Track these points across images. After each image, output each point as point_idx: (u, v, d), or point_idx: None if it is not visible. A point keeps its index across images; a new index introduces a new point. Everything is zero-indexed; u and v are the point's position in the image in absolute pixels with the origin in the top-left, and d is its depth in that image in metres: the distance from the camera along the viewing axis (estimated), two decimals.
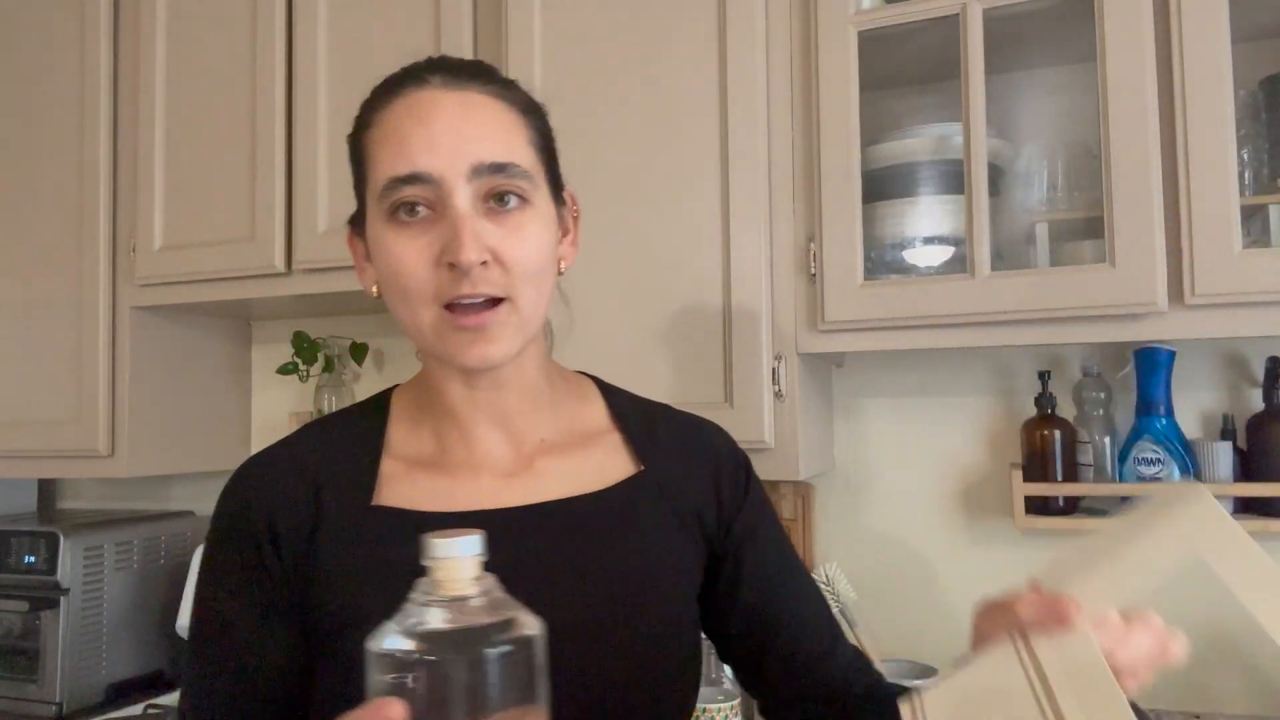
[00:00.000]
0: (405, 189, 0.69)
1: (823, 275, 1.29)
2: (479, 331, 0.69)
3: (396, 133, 0.70)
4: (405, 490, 0.76)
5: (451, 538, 0.53)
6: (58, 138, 1.79)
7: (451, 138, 0.69)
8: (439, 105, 0.70)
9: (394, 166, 0.69)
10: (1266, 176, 1.25)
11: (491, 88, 0.73)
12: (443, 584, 0.53)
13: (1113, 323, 1.18)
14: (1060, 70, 1.47)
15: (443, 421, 0.78)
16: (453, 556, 0.53)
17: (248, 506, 0.76)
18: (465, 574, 0.53)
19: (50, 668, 1.74)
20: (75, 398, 1.75)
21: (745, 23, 1.32)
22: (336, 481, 0.76)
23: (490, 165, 0.69)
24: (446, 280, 0.68)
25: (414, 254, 0.69)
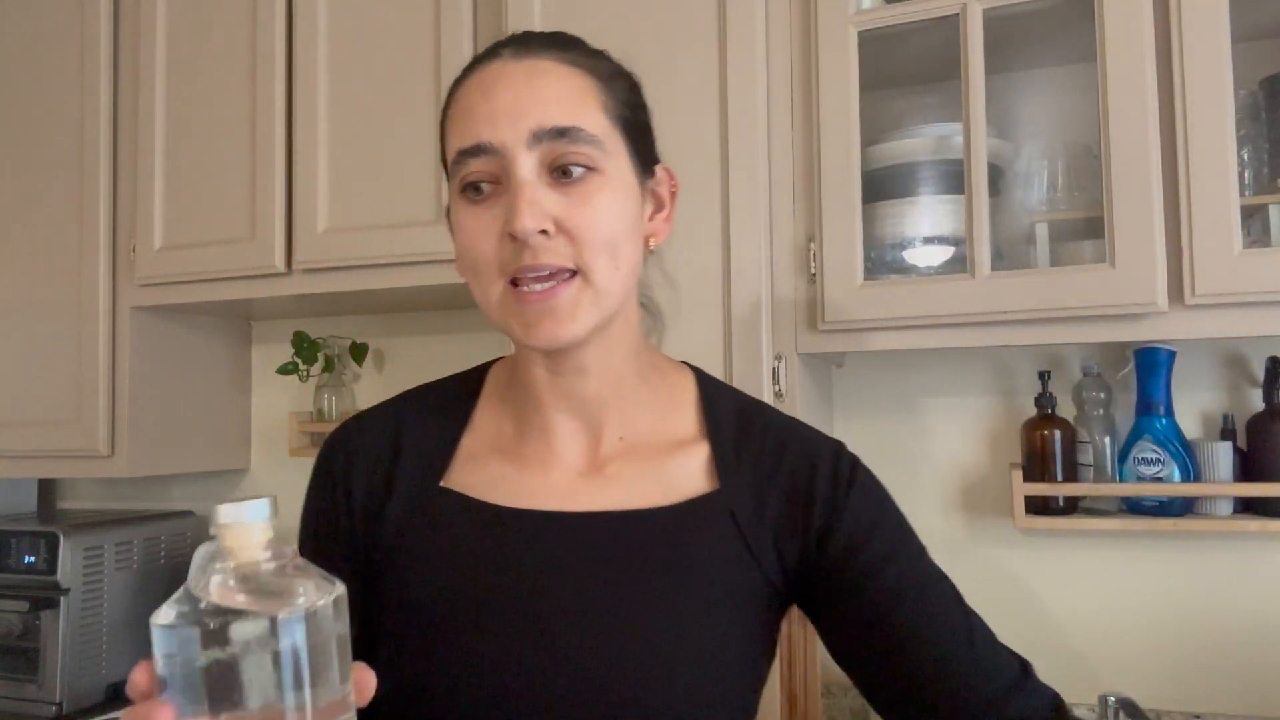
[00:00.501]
0: (471, 162, 0.67)
1: (823, 275, 1.29)
2: (545, 307, 0.66)
3: (464, 108, 0.69)
4: (476, 474, 0.76)
5: (240, 502, 0.50)
6: (58, 138, 1.79)
7: (513, 105, 0.67)
8: (505, 75, 0.69)
9: (460, 140, 0.68)
10: (1266, 176, 1.25)
11: (566, 54, 0.71)
12: (231, 552, 0.49)
13: (1113, 323, 1.18)
14: (1060, 70, 1.47)
15: (525, 405, 0.76)
16: (239, 521, 0.49)
17: (334, 456, 0.79)
18: (254, 539, 0.49)
19: (50, 668, 1.74)
20: (75, 398, 1.75)
21: (745, 23, 1.32)
22: (416, 452, 0.77)
23: (552, 130, 0.66)
24: (510, 252, 0.66)
25: (481, 228, 0.67)
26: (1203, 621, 1.42)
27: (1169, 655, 1.43)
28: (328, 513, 0.77)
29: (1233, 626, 1.40)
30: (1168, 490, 1.32)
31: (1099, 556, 1.47)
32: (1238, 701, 1.39)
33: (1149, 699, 1.42)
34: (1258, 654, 1.39)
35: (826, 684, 1.59)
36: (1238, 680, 1.40)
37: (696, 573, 0.72)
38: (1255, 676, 1.39)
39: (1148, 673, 1.43)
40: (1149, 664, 1.44)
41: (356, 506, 0.76)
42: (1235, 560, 1.40)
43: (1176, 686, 1.42)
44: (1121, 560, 1.46)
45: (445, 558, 0.73)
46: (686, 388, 0.80)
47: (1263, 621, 1.39)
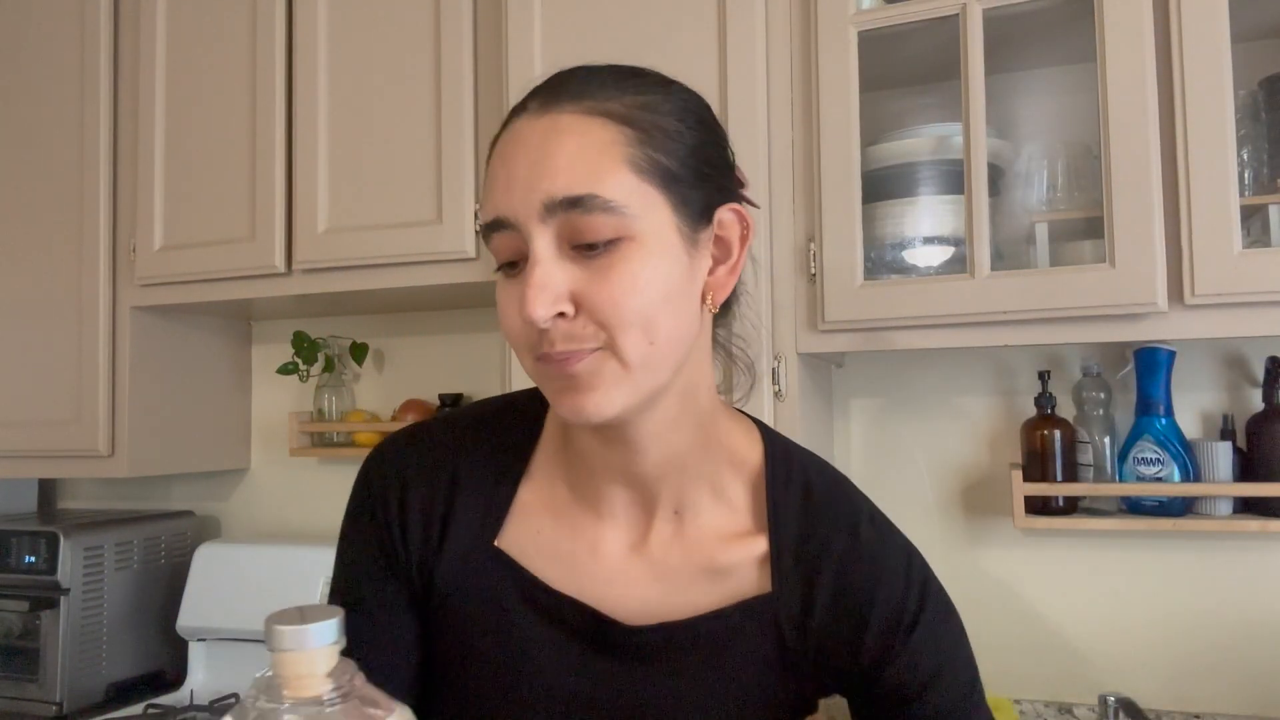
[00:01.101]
0: (495, 237, 0.62)
1: (823, 275, 1.29)
2: (570, 381, 0.61)
3: (491, 175, 0.63)
4: (530, 536, 0.72)
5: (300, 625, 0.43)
6: (58, 138, 1.79)
7: (527, 174, 0.60)
8: (523, 137, 0.62)
9: (484, 213, 0.63)
10: (1266, 176, 1.25)
11: (586, 103, 0.62)
12: (288, 681, 0.43)
13: (1113, 323, 1.18)
14: (1060, 70, 1.47)
15: (578, 468, 0.72)
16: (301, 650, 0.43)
17: (386, 484, 0.74)
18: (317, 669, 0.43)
19: (50, 668, 1.74)
20: (75, 398, 1.75)
21: (745, 23, 1.32)
22: (473, 496, 0.73)
23: (563, 201, 0.59)
24: (535, 333, 0.61)
25: (509, 303, 0.62)
26: (1202, 621, 1.42)
27: (1169, 655, 1.43)
28: (383, 546, 0.73)
29: (1233, 626, 1.40)
30: (1167, 490, 1.32)
31: (1099, 556, 1.47)
32: (1238, 701, 1.39)
33: (1149, 699, 1.42)
34: (1258, 654, 1.39)
35: None
36: (1238, 680, 1.40)
37: (732, 680, 0.69)
38: (1255, 676, 1.39)
39: (1148, 673, 1.44)
40: (1149, 664, 1.44)
41: (413, 546, 0.73)
42: (1235, 560, 1.40)
43: (1176, 686, 1.42)
44: (1121, 560, 1.46)
45: (493, 625, 0.72)
46: (752, 460, 0.73)
47: (1263, 621, 1.39)
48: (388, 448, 0.76)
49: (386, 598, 0.73)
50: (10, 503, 2.10)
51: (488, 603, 0.72)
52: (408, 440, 0.76)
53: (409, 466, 0.74)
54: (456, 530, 0.72)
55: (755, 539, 0.70)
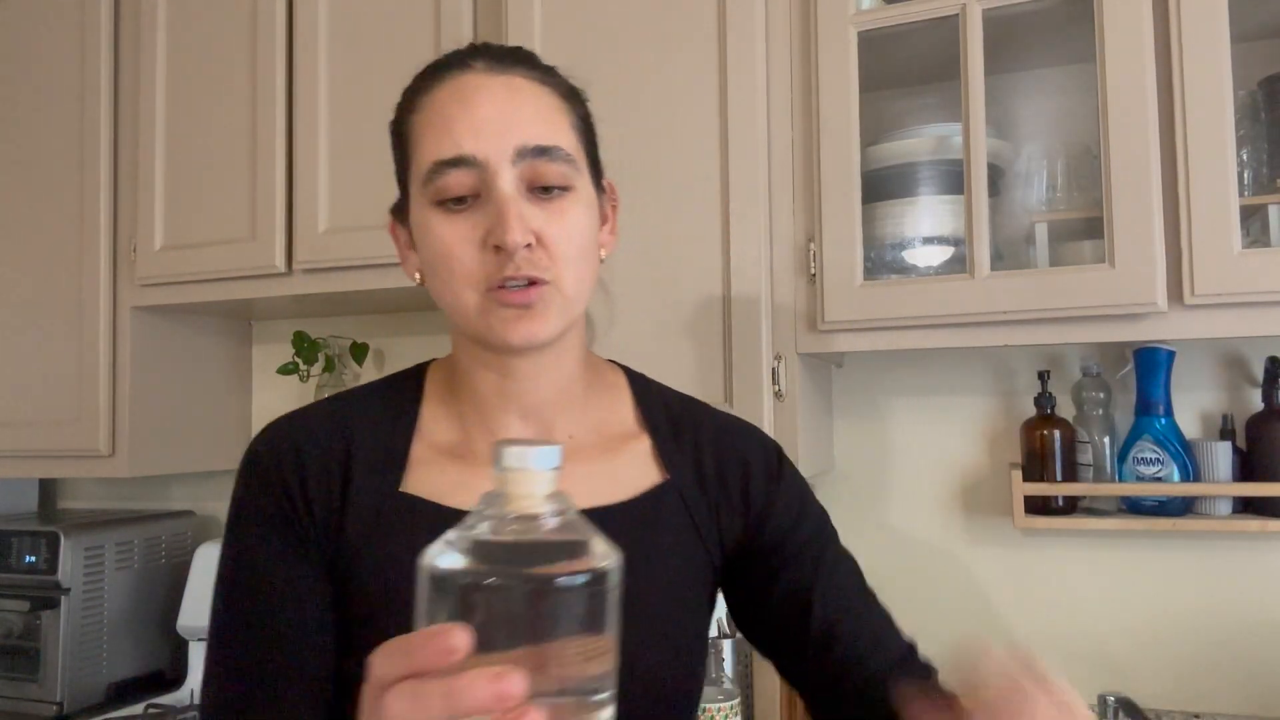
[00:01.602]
0: (451, 172, 0.68)
1: (823, 275, 1.29)
2: (524, 309, 0.69)
3: (441, 116, 0.70)
4: (434, 478, 0.75)
5: (526, 446, 0.47)
6: (58, 138, 1.79)
7: (496, 120, 0.69)
8: (484, 89, 0.70)
9: (439, 150, 0.69)
10: (1266, 176, 1.25)
11: (535, 73, 0.73)
12: (512, 499, 0.46)
13: (1113, 323, 1.18)
14: (1060, 70, 1.48)
15: (469, 409, 0.77)
16: (525, 468, 0.46)
17: (279, 456, 0.74)
18: (538, 489, 0.47)
19: (50, 668, 1.74)
20: (75, 398, 1.75)
21: (745, 23, 1.32)
22: (368, 455, 0.75)
23: (535, 148, 0.69)
24: (492, 263, 0.68)
25: (460, 237, 0.69)
26: (1202, 621, 1.42)
27: (1169, 655, 1.43)
28: (285, 520, 0.73)
29: (1232, 626, 1.40)
30: (1167, 490, 1.32)
31: (1099, 556, 1.47)
32: (1238, 701, 1.40)
33: (1149, 699, 1.42)
34: (1257, 654, 1.39)
35: None
36: (1237, 680, 1.40)
37: (657, 562, 0.76)
38: (1255, 676, 1.39)
39: (1147, 672, 1.44)
40: (1149, 664, 1.44)
41: (316, 513, 0.73)
42: (1235, 560, 1.40)
43: (1176, 686, 1.42)
44: (1121, 560, 1.46)
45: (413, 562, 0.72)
46: (621, 385, 0.84)
47: (1263, 621, 1.39)
48: (272, 427, 0.77)
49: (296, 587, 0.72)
50: (10, 503, 2.10)
51: (405, 542, 0.71)
52: (291, 417, 0.78)
53: (298, 435, 0.76)
54: (359, 484, 0.74)
55: (639, 441, 0.80)
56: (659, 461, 0.79)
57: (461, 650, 0.42)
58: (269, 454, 0.75)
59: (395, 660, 0.44)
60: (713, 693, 1.34)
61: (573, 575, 0.44)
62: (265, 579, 0.73)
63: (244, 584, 0.73)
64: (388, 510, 0.73)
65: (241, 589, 0.73)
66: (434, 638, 0.43)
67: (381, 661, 0.45)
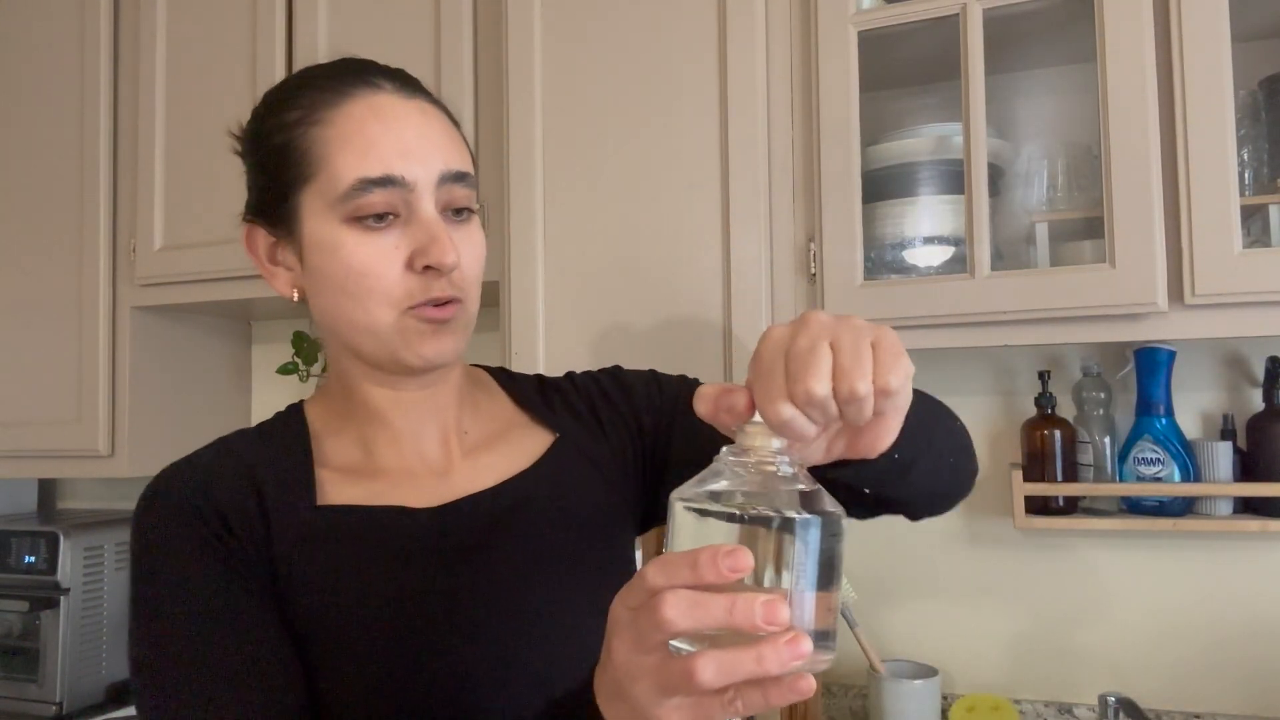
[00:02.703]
0: (376, 191, 0.68)
1: (823, 275, 1.29)
2: (442, 326, 0.71)
3: (360, 134, 0.69)
4: (347, 492, 0.74)
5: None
6: (58, 138, 1.79)
7: (419, 144, 0.70)
8: (402, 111, 0.71)
9: (362, 167, 0.68)
10: (1266, 176, 1.25)
11: (434, 100, 0.75)
12: (753, 450, 0.52)
13: (1113, 323, 1.18)
14: (1060, 70, 1.47)
15: (367, 429, 0.77)
16: (761, 422, 0.52)
17: (188, 491, 0.71)
18: (774, 442, 0.52)
19: (50, 668, 1.74)
20: (75, 398, 1.75)
21: (745, 23, 1.32)
22: (276, 481, 0.73)
23: (455, 173, 0.71)
24: (418, 284, 0.69)
25: (380, 256, 0.69)
26: (1203, 621, 1.42)
27: (1169, 655, 1.43)
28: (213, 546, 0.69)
29: (1233, 626, 1.40)
30: (1168, 490, 1.32)
31: (1099, 556, 1.47)
32: (1238, 701, 1.40)
33: (1149, 699, 1.42)
34: (1258, 654, 1.39)
35: (826, 684, 1.59)
36: (1238, 680, 1.40)
37: (572, 510, 0.79)
38: (1255, 676, 1.39)
39: (1148, 673, 1.44)
40: (1149, 664, 1.44)
41: (242, 538, 0.70)
42: (1235, 560, 1.40)
43: (1176, 686, 1.42)
44: (1121, 560, 1.46)
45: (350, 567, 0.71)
46: (489, 381, 0.88)
47: (1263, 621, 1.39)
48: (167, 475, 0.73)
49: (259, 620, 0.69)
50: (10, 503, 2.10)
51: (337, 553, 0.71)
52: (183, 461, 0.75)
53: (199, 473, 0.73)
54: (274, 506, 0.72)
55: (521, 418, 0.84)
56: (544, 426, 0.83)
57: (746, 569, 0.45)
58: (176, 491, 0.71)
59: (677, 570, 0.46)
60: None
61: (818, 515, 0.48)
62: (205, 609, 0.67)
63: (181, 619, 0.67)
64: (312, 525, 0.72)
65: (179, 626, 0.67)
66: (722, 555, 0.45)
67: (658, 571, 0.46)
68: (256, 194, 0.75)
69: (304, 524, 0.72)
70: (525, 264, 1.40)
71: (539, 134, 1.41)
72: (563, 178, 1.40)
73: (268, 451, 0.76)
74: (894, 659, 1.49)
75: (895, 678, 1.40)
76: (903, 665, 1.46)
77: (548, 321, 1.40)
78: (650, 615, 0.45)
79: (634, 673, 0.48)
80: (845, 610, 1.44)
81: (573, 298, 1.39)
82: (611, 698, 0.50)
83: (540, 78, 1.42)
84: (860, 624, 1.45)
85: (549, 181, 1.41)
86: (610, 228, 1.37)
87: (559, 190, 1.41)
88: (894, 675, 1.41)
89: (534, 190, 1.40)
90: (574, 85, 1.41)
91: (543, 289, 1.40)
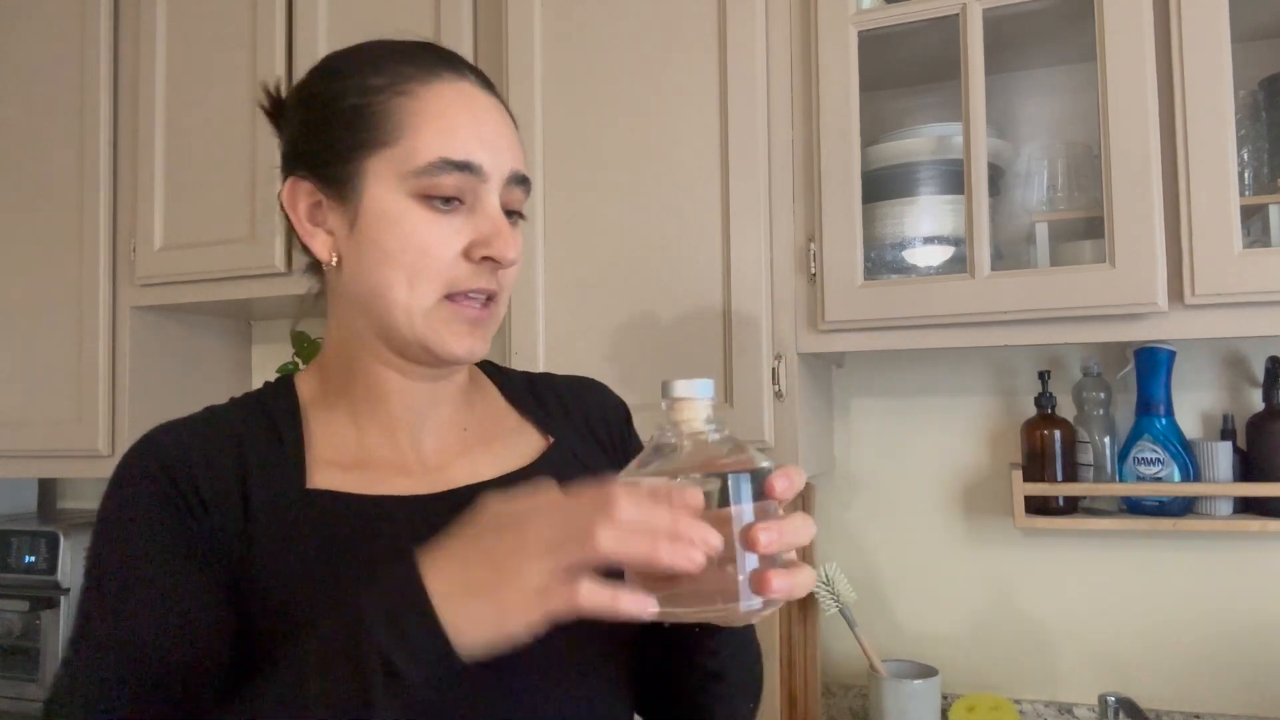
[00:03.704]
0: (453, 174, 0.68)
1: (823, 275, 1.29)
2: (476, 324, 0.71)
3: (447, 115, 0.69)
4: (337, 478, 0.72)
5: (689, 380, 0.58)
6: (58, 137, 1.79)
7: (497, 139, 0.71)
8: (486, 104, 0.72)
9: (446, 148, 0.68)
10: (1266, 176, 1.25)
11: (506, 104, 0.76)
12: (681, 422, 0.57)
13: (1113, 323, 1.18)
14: (1060, 70, 1.47)
15: (364, 408, 0.75)
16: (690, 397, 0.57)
17: (166, 460, 0.69)
18: (700, 414, 0.57)
19: (50, 668, 1.74)
20: (75, 398, 1.75)
21: (745, 23, 1.32)
22: (262, 459, 0.71)
23: (520, 175, 0.72)
24: (467, 272, 0.69)
25: (441, 238, 0.69)
26: (1203, 621, 1.42)
27: (1169, 655, 1.43)
28: (186, 532, 0.67)
29: (1233, 626, 1.40)
30: (1168, 490, 1.32)
31: (1099, 556, 1.47)
32: (1238, 701, 1.40)
33: (1149, 699, 1.42)
34: (1258, 654, 1.39)
35: (826, 684, 1.59)
36: (1238, 680, 1.40)
37: None
38: (1255, 676, 1.39)
39: (1148, 673, 1.44)
40: (1149, 664, 1.44)
41: (215, 519, 0.67)
42: (1235, 560, 1.40)
43: (1176, 686, 1.42)
44: (1121, 560, 1.46)
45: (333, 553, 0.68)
46: (482, 377, 0.87)
47: (1263, 621, 1.39)
48: (156, 433, 0.71)
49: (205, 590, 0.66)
50: (10, 503, 2.10)
51: (317, 538, 0.68)
52: (174, 424, 0.73)
53: (183, 440, 0.71)
54: (258, 487, 0.69)
55: (516, 418, 0.83)
56: (538, 429, 0.83)
57: (697, 506, 0.53)
58: (153, 457, 0.69)
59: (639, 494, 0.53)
60: None
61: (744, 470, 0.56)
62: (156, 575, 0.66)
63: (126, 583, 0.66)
64: (297, 509, 0.69)
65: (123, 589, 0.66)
66: (678, 492, 0.53)
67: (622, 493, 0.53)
68: (310, 151, 0.74)
69: (291, 507, 0.69)
70: (525, 263, 1.40)
71: (539, 134, 1.42)
72: (563, 178, 1.40)
73: (258, 426, 0.73)
74: (894, 659, 1.49)
75: (895, 678, 1.40)
76: (903, 665, 1.46)
77: (548, 321, 1.40)
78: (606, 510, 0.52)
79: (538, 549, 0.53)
80: (845, 610, 1.44)
81: (573, 297, 1.39)
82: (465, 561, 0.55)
83: (540, 77, 1.42)
84: (860, 624, 1.45)
85: (549, 182, 1.41)
86: (610, 227, 1.37)
87: (559, 190, 1.41)
88: (894, 675, 1.41)
89: (534, 190, 1.40)
90: (574, 85, 1.41)
91: (543, 288, 1.40)
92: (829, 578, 1.45)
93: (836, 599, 1.44)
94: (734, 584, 0.54)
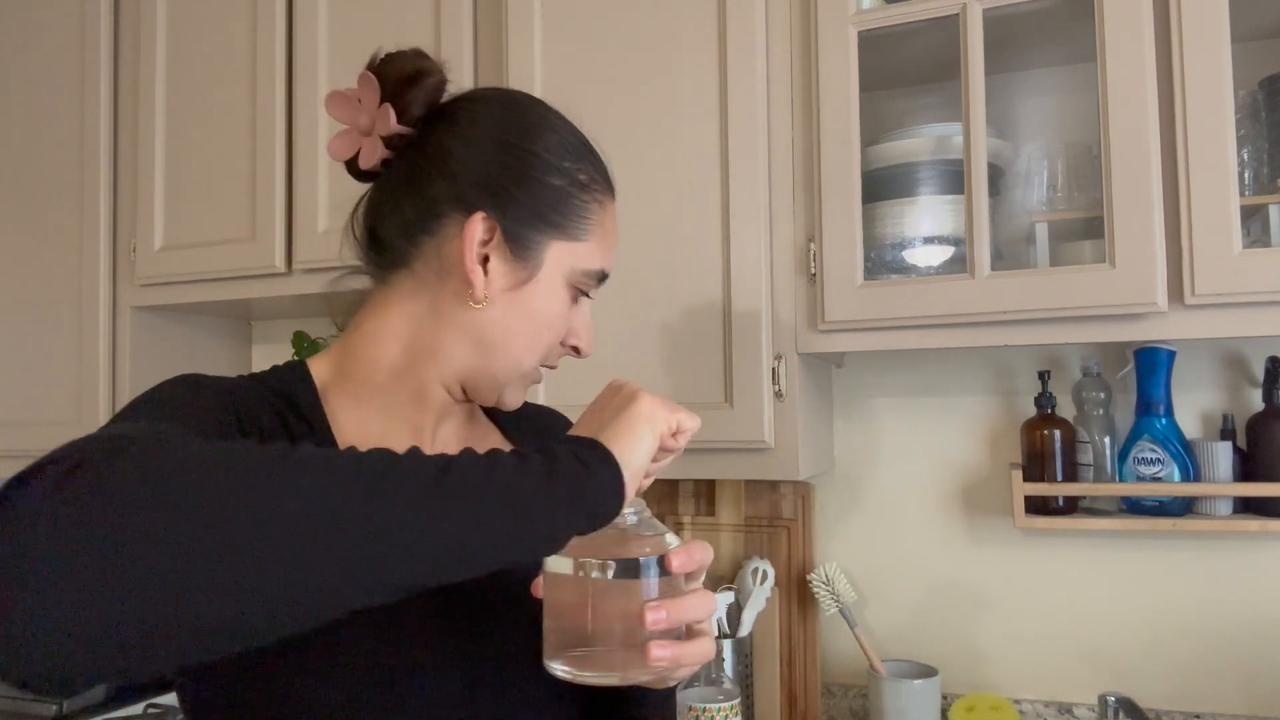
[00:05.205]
0: (599, 282, 0.82)
1: (823, 275, 1.29)
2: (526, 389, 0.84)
3: (611, 235, 0.83)
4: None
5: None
6: (58, 138, 1.79)
7: None
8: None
9: (605, 261, 0.82)
10: (1266, 176, 1.25)
11: None
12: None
13: (1113, 323, 1.18)
14: (1060, 70, 1.47)
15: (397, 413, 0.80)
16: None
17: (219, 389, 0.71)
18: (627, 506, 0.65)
19: None
20: (75, 398, 1.75)
21: (745, 23, 1.32)
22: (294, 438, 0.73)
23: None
24: (557, 351, 0.82)
25: (565, 325, 0.81)
26: (1203, 621, 1.42)
27: (1169, 655, 1.43)
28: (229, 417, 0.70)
29: (1233, 626, 1.40)
30: (1168, 490, 1.32)
31: (1099, 556, 1.47)
32: (1238, 701, 1.40)
33: (1149, 699, 1.42)
34: (1258, 654, 1.39)
35: (826, 684, 1.59)
36: (1238, 680, 1.40)
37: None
38: (1255, 676, 1.39)
39: (1148, 673, 1.44)
40: (1149, 664, 1.44)
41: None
42: (1235, 560, 1.40)
43: (1176, 686, 1.42)
44: (1121, 560, 1.46)
45: None
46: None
47: (1262, 621, 1.39)
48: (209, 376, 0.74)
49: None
50: None
51: None
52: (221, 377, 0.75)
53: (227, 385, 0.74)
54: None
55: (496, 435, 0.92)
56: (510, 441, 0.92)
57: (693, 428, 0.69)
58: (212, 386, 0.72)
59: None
60: (713, 693, 1.34)
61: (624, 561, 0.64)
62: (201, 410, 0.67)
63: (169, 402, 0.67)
64: None
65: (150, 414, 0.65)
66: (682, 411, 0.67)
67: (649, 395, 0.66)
68: (508, 202, 0.76)
69: None
70: None
71: None
72: None
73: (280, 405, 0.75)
74: (894, 659, 1.49)
75: (895, 678, 1.40)
76: (903, 665, 1.46)
77: None
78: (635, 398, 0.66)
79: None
80: (845, 610, 1.44)
81: None
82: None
83: (540, 78, 1.42)
84: (860, 624, 1.45)
85: None
86: None
87: None
88: (894, 675, 1.41)
89: None
90: (574, 86, 1.41)
91: None
92: (829, 578, 1.45)
93: (836, 599, 1.45)
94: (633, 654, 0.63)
